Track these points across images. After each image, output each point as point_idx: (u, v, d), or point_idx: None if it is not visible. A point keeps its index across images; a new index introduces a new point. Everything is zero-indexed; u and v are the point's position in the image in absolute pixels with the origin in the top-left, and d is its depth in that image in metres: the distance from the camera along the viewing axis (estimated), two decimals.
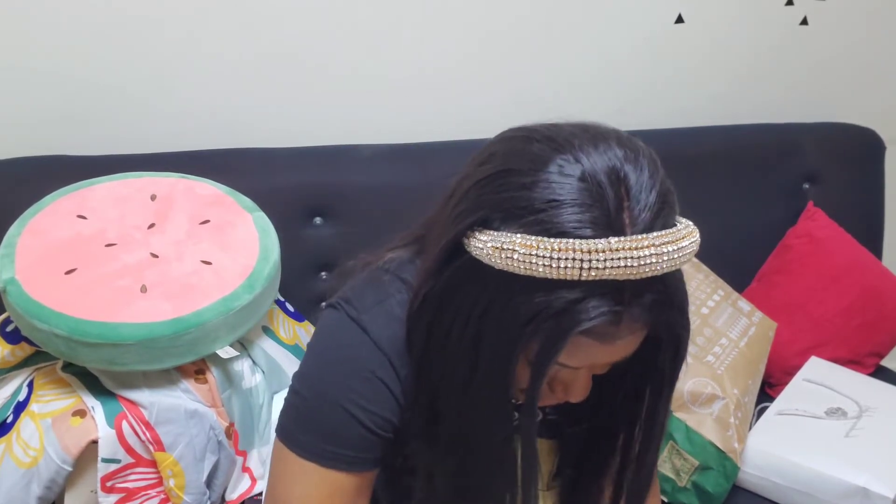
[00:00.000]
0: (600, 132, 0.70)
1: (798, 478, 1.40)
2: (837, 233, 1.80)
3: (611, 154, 0.67)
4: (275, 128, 1.66)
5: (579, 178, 0.65)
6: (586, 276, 0.64)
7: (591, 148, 0.67)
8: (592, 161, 0.66)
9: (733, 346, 1.54)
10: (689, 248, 0.68)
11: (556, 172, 0.66)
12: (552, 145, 0.68)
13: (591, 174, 0.65)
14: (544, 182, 0.66)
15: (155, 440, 1.19)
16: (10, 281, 1.21)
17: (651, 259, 0.64)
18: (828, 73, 1.97)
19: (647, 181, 0.67)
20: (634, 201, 0.66)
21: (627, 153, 0.67)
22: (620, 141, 0.69)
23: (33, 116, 1.55)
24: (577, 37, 1.77)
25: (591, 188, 0.65)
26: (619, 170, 0.66)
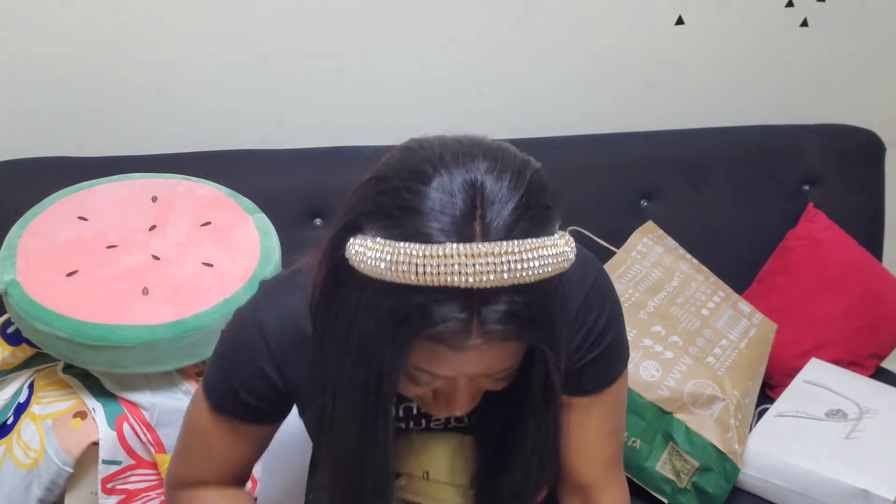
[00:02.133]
0: (475, 146, 0.72)
1: (798, 479, 1.40)
2: (838, 234, 1.80)
3: (473, 167, 0.68)
4: (276, 129, 1.66)
5: (436, 188, 0.67)
6: (422, 280, 0.65)
7: (456, 160, 0.69)
8: (453, 172, 0.68)
9: (733, 348, 1.54)
10: (539, 263, 0.67)
11: (416, 181, 0.68)
12: (422, 156, 0.71)
13: (447, 184, 0.67)
14: (405, 190, 0.68)
15: (156, 442, 1.19)
16: (11, 283, 1.21)
17: (489, 268, 0.65)
18: (828, 75, 1.97)
19: (505, 193, 0.67)
20: (488, 212, 0.66)
21: (492, 166, 0.69)
22: (490, 154, 0.70)
23: (34, 118, 1.55)
24: (577, 38, 1.77)
25: (443, 198, 0.67)
26: (475, 181, 0.67)
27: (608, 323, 0.90)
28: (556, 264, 0.68)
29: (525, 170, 0.71)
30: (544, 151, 1.74)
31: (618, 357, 0.93)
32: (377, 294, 0.68)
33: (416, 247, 0.65)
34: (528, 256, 0.66)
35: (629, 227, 1.68)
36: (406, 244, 0.65)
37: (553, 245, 0.68)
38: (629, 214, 1.73)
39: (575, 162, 1.73)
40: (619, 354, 0.94)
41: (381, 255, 0.66)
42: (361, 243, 0.68)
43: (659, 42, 1.82)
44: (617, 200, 1.73)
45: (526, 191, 0.69)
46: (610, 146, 1.78)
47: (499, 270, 0.65)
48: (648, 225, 1.69)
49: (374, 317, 0.68)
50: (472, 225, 0.66)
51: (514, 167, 0.70)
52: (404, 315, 0.67)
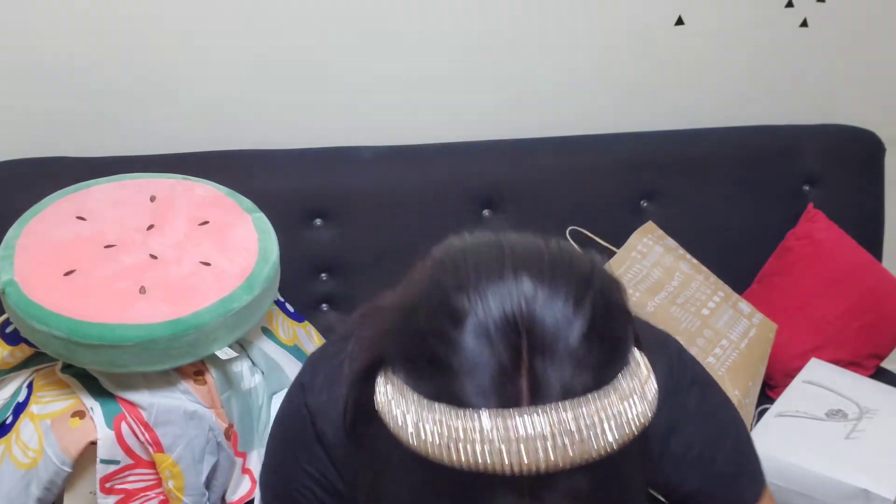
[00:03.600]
0: (517, 251, 0.58)
1: (798, 480, 1.40)
2: (837, 235, 1.80)
3: (516, 288, 0.54)
4: (275, 129, 1.66)
5: (470, 332, 0.53)
6: (457, 461, 0.52)
7: (494, 278, 0.55)
8: (490, 302, 0.54)
9: (734, 348, 1.54)
10: (607, 430, 0.52)
11: (448, 322, 0.55)
12: (454, 280, 0.57)
13: (484, 322, 0.53)
14: (435, 336, 0.55)
15: (154, 441, 1.19)
16: (9, 282, 1.21)
17: (541, 447, 0.50)
18: (828, 75, 1.97)
19: (559, 327, 0.53)
20: (536, 362, 0.52)
21: (540, 283, 0.54)
22: (537, 265, 0.56)
23: (33, 118, 1.55)
24: (577, 38, 1.77)
25: (480, 347, 0.53)
26: (520, 314, 0.53)
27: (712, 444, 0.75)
28: (631, 426, 0.53)
29: (587, 282, 0.56)
30: (544, 151, 1.76)
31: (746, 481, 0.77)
32: (409, 458, 0.54)
33: (449, 419, 0.52)
34: (593, 423, 0.51)
35: (629, 227, 1.67)
36: (436, 413, 0.52)
37: (628, 399, 0.53)
38: (629, 214, 1.73)
39: (575, 162, 1.73)
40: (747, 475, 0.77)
41: (408, 418, 0.54)
42: (388, 393, 0.56)
43: (659, 42, 1.82)
44: (617, 200, 1.73)
45: (590, 319, 0.54)
46: (610, 146, 1.78)
47: (557, 448, 0.50)
48: (648, 225, 1.69)
49: (406, 483, 0.57)
50: (516, 384, 0.52)
51: (570, 281, 0.55)
52: (438, 495, 0.54)
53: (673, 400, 0.73)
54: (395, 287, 0.70)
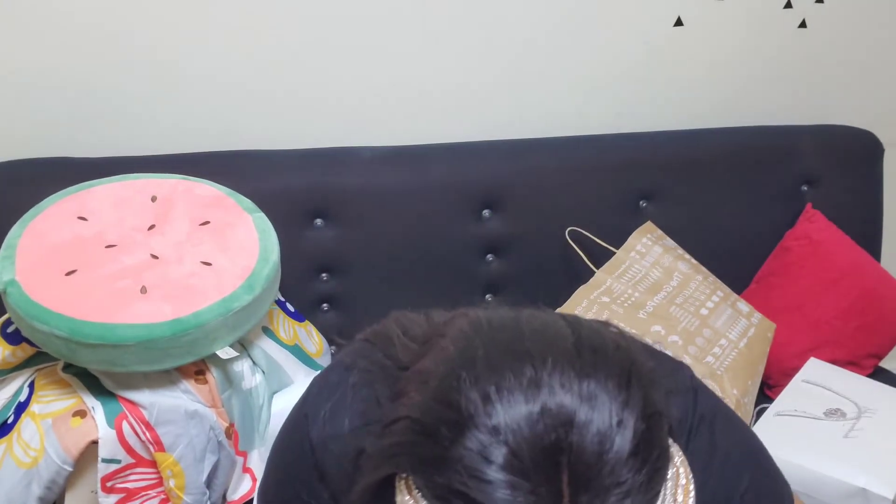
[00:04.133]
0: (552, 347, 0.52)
1: (797, 479, 1.40)
2: (836, 235, 1.80)
3: (552, 408, 0.47)
4: (275, 130, 1.67)
5: (504, 468, 0.47)
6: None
7: (520, 396, 0.49)
8: (521, 431, 0.48)
9: (732, 347, 1.54)
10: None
11: (477, 456, 0.49)
12: (476, 393, 0.51)
13: (521, 456, 0.47)
14: (461, 467, 0.49)
15: (155, 440, 1.19)
16: (11, 282, 1.21)
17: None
18: (826, 76, 1.98)
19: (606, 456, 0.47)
20: (581, 495, 0.47)
21: (584, 397, 0.48)
22: (576, 369, 0.50)
23: (34, 119, 1.55)
24: (576, 38, 1.77)
25: (515, 485, 0.47)
26: (556, 443, 0.47)
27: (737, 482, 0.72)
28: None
29: (629, 384, 0.50)
30: (544, 151, 1.77)
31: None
32: None
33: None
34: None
35: (628, 227, 1.68)
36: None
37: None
38: (628, 215, 1.73)
39: (575, 162, 1.73)
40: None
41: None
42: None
43: (658, 43, 1.83)
44: (616, 201, 1.74)
45: (635, 432, 0.48)
46: (609, 146, 1.78)
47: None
48: (647, 225, 1.70)
49: None
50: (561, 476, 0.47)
51: (610, 386, 0.49)
52: None
53: (686, 432, 0.71)
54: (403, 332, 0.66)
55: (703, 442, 0.71)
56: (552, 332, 0.54)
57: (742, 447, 0.74)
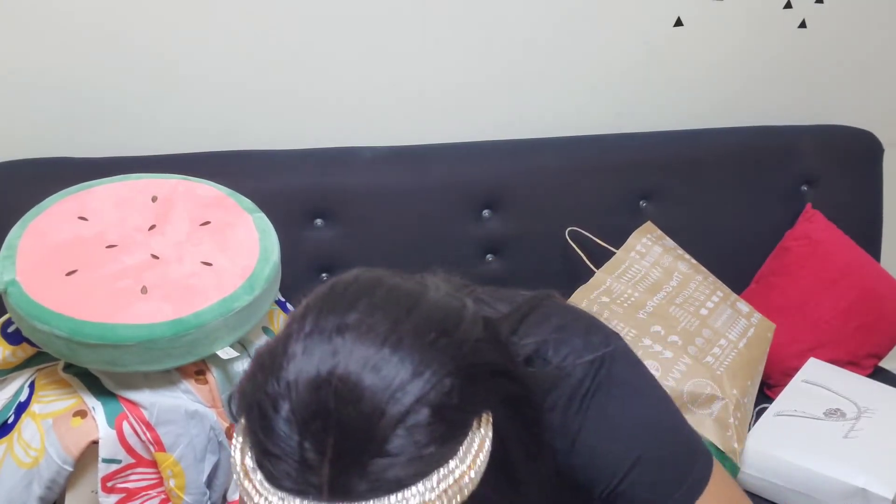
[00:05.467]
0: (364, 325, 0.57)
1: (797, 479, 1.40)
2: (836, 235, 1.80)
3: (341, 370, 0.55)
4: (275, 130, 1.67)
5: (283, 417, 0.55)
6: None
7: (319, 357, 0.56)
8: (298, 389, 0.55)
9: (732, 347, 1.55)
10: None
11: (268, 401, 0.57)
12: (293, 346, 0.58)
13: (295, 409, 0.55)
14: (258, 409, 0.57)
15: (155, 440, 1.20)
16: (11, 282, 1.21)
17: None
18: (826, 76, 1.98)
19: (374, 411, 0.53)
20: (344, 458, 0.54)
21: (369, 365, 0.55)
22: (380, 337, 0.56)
23: (35, 119, 1.55)
24: (576, 38, 1.78)
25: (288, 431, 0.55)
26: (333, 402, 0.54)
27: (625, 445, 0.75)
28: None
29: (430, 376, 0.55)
30: (544, 151, 1.77)
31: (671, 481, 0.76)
32: None
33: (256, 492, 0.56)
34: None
35: (628, 227, 1.68)
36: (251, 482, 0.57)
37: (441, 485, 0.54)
38: (628, 215, 1.73)
39: (575, 162, 1.73)
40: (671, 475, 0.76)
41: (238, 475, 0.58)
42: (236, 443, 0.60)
43: (658, 43, 1.83)
44: (616, 201, 1.74)
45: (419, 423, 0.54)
46: (609, 146, 1.78)
47: None
48: (647, 225, 1.70)
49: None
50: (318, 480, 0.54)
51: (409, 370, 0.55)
52: None
53: (582, 397, 0.75)
54: None
55: (596, 409, 0.74)
56: (392, 298, 0.59)
57: (640, 420, 0.76)
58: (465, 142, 1.70)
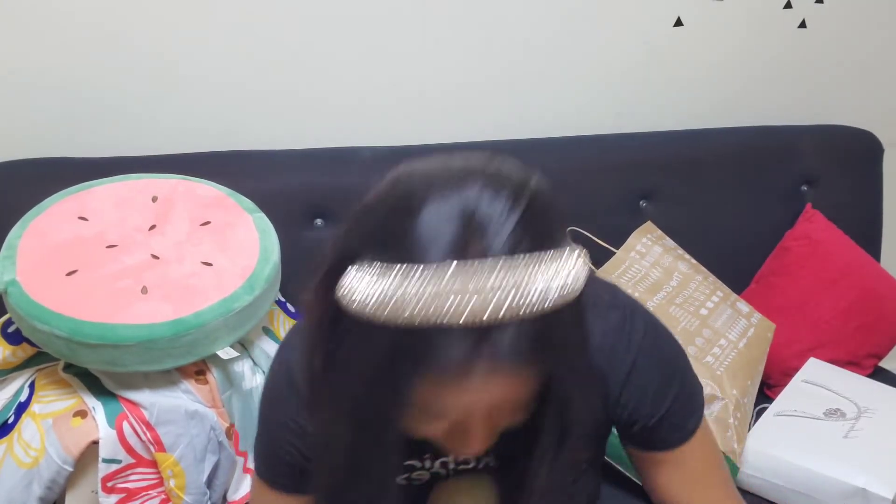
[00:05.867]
0: (467, 167, 0.66)
1: (797, 479, 1.40)
2: (836, 235, 1.80)
3: (465, 189, 0.63)
4: (276, 130, 1.67)
5: (427, 213, 0.62)
6: (418, 318, 0.59)
7: (447, 185, 0.63)
8: (444, 197, 0.62)
9: (732, 347, 1.55)
10: (543, 288, 0.60)
11: (406, 209, 0.63)
12: (411, 185, 0.65)
13: (439, 209, 0.62)
14: (395, 218, 0.63)
15: (155, 440, 1.20)
16: (12, 283, 1.21)
17: (489, 299, 0.58)
18: (826, 76, 1.98)
19: (501, 214, 0.62)
20: (483, 237, 0.61)
21: (486, 186, 0.63)
22: (484, 174, 0.64)
23: (35, 119, 1.55)
24: (576, 38, 1.78)
25: (436, 223, 0.61)
26: (468, 204, 0.62)
27: (666, 381, 0.85)
28: (563, 290, 0.61)
29: (524, 187, 0.64)
30: (544, 152, 1.77)
31: (692, 410, 0.88)
32: (372, 333, 0.61)
33: (409, 281, 0.59)
34: (532, 282, 0.60)
35: (628, 227, 1.68)
36: (398, 279, 0.59)
37: (560, 267, 0.61)
38: (628, 215, 1.73)
39: (575, 162, 1.73)
40: (693, 405, 0.88)
41: (371, 291, 0.60)
42: (352, 281, 0.62)
43: (658, 43, 1.83)
44: (616, 201, 1.74)
45: (526, 210, 0.62)
46: (609, 146, 1.78)
47: (500, 300, 0.58)
48: (647, 225, 1.70)
49: (369, 358, 0.62)
50: (466, 250, 0.60)
51: (511, 185, 0.64)
52: (402, 354, 0.61)
53: (627, 344, 0.83)
54: None
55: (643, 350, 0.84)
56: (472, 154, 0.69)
57: (677, 357, 0.88)
58: (464, 142, 1.70)
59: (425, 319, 0.59)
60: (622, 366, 0.83)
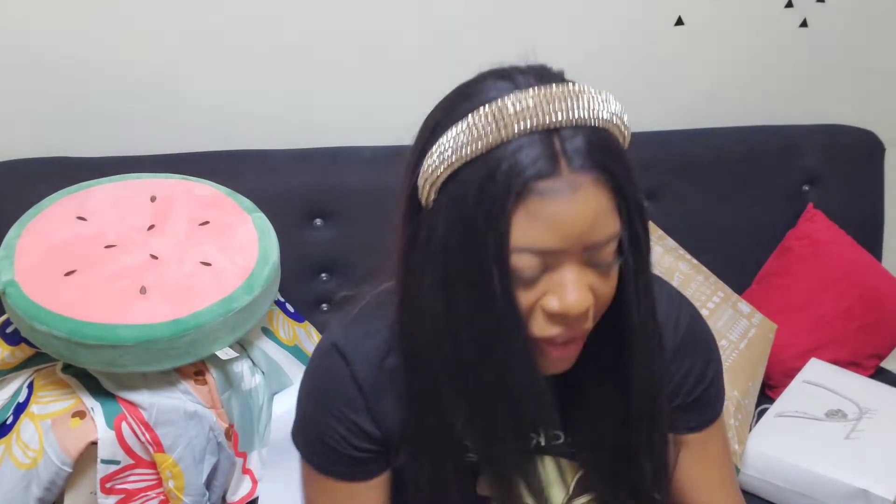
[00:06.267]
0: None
1: (798, 480, 1.40)
2: (837, 235, 1.80)
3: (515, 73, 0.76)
4: (275, 129, 1.66)
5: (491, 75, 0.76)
6: (502, 131, 0.67)
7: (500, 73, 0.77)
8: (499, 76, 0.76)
9: (733, 348, 1.54)
10: (605, 101, 0.73)
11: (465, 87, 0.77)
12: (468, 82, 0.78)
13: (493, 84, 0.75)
14: (464, 88, 0.76)
15: (154, 441, 1.19)
16: (10, 283, 1.21)
17: (562, 105, 0.69)
18: (828, 75, 1.97)
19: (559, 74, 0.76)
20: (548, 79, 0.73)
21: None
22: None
23: (34, 118, 1.55)
24: (577, 38, 1.77)
25: (502, 75, 0.75)
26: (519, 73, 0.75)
27: (706, 362, 0.90)
28: (619, 111, 0.74)
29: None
30: None
31: (721, 391, 0.93)
32: (465, 176, 0.68)
33: (489, 105, 0.69)
34: (595, 95, 0.72)
35: None
36: (479, 109, 0.69)
37: (609, 97, 0.74)
38: None
39: None
40: (721, 388, 0.93)
41: (458, 132, 0.70)
42: (437, 147, 0.72)
43: (658, 42, 1.83)
44: None
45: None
46: None
47: (572, 107, 0.69)
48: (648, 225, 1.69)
49: (466, 202, 0.68)
50: (534, 81, 0.72)
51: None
52: (493, 179, 0.66)
53: (675, 327, 0.88)
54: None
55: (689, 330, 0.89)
56: None
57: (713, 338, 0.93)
58: None
59: (509, 130, 0.67)
60: (671, 343, 0.86)
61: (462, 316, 0.71)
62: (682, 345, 0.88)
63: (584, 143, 0.68)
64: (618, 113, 0.74)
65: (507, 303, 0.69)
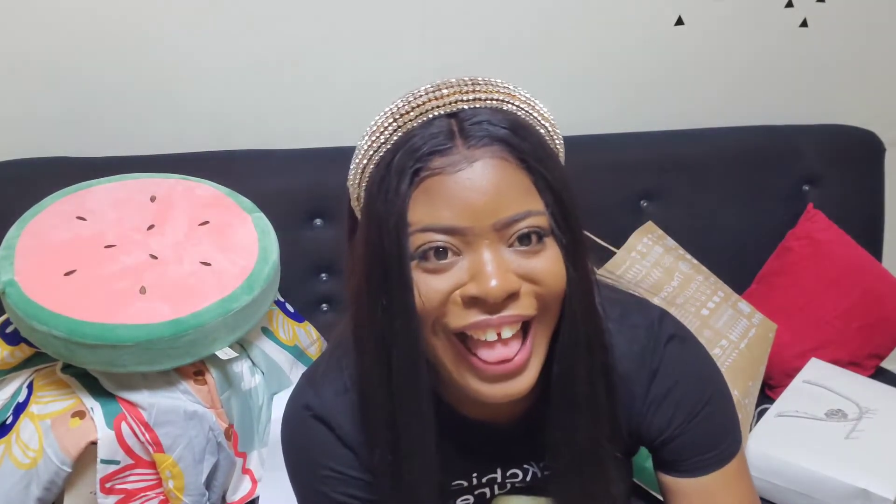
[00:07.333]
0: None
1: (798, 479, 1.40)
2: (837, 235, 1.80)
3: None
4: (275, 129, 1.67)
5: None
6: (401, 122, 0.70)
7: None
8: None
9: (733, 348, 1.54)
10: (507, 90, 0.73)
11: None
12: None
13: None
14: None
15: (154, 441, 1.19)
16: (10, 283, 1.21)
17: (459, 92, 0.70)
18: (828, 75, 1.97)
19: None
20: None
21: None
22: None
23: (33, 118, 1.55)
24: (577, 38, 1.77)
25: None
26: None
27: (692, 393, 0.82)
28: (544, 109, 0.76)
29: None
30: None
31: (723, 432, 0.83)
32: (374, 168, 0.71)
33: (400, 99, 0.72)
34: (510, 88, 0.74)
35: (629, 227, 1.67)
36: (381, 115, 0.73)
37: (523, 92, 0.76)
38: (629, 215, 1.73)
39: (575, 162, 1.70)
40: (725, 427, 0.83)
41: (372, 129, 0.73)
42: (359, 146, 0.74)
43: (659, 42, 1.82)
44: (617, 201, 1.73)
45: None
46: (610, 146, 1.78)
47: (477, 92, 0.71)
48: (648, 225, 1.69)
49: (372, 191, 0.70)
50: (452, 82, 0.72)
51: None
52: (392, 162, 0.69)
53: (652, 351, 0.81)
54: None
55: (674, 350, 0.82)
56: None
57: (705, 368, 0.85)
58: None
59: (409, 119, 0.70)
60: (646, 371, 0.81)
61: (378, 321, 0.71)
62: (657, 374, 0.81)
63: (483, 121, 0.69)
64: (538, 108, 0.76)
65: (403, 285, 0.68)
